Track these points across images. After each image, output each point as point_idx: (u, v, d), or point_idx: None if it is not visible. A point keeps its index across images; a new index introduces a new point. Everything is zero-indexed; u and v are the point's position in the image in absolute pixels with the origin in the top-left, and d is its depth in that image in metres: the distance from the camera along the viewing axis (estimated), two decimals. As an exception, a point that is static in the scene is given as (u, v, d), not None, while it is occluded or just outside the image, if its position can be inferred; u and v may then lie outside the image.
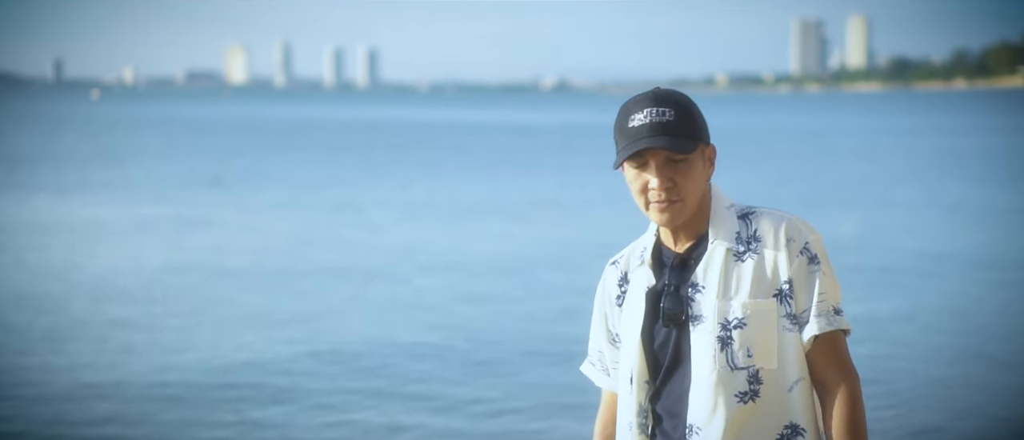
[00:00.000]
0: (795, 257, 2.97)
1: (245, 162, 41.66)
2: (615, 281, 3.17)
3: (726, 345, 2.96)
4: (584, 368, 3.31)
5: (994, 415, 9.32)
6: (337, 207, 25.88)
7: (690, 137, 2.97)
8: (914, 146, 52.60)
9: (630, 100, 3.05)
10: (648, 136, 2.95)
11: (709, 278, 2.99)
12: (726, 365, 2.96)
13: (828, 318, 2.97)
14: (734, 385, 2.96)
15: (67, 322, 12.74)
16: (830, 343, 2.98)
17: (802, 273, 2.97)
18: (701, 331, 2.98)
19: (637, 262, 3.14)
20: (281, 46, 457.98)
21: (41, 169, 36.74)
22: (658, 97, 3.00)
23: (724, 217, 3.04)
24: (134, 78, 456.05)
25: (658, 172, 2.97)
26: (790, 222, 3.01)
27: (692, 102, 3.04)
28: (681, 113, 2.98)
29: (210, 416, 9.21)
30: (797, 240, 2.99)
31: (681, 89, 3.04)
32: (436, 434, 8.83)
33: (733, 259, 3.00)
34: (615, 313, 3.17)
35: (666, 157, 2.97)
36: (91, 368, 10.68)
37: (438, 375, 10.53)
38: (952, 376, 10.56)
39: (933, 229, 21.78)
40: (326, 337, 12.10)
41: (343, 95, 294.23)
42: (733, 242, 3.01)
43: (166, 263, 17.10)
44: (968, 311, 13.60)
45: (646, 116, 2.97)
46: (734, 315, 2.96)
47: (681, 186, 2.97)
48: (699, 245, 3.04)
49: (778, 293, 2.97)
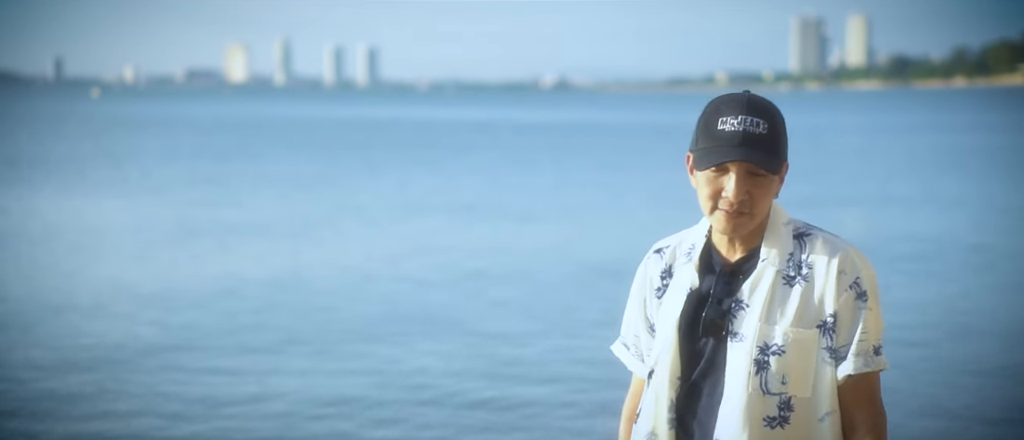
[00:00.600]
0: (843, 291, 2.93)
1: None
2: (658, 271, 3.11)
3: (762, 368, 2.93)
4: (616, 349, 3.25)
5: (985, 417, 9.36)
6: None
7: (778, 155, 2.93)
8: (912, 144, 52.59)
9: (722, 99, 3.00)
10: (740, 146, 2.89)
11: (755, 298, 2.95)
12: (759, 388, 2.93)
13: (866, 358, 2.94)
14: (764, 409, 2.93)
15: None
16: (864, 382, 2.97)
17: (848, 308, 2.93)
18: (739, 349, 2.95)
19: (684, 258, 3.07)
20: (281, 45, 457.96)
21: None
22: (753, 105, 2.93)
23: (780, 234, 2.99)
24: (134, 77, 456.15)
25: (738, 183, 2.91)
26: (845, 253, 2.95)
27: (782, 117, 2.98)
28: (773, 128, 2.92)
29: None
30: (849, 273, 2.94)
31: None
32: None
33: (782, 282, 2.95)
34: (654, 304, 3.11)
35: (748, 170, 2.91)
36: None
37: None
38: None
39: (929, 223, 21.79)
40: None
41: (343, 94, 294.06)
42: (784, 264, 2.96)
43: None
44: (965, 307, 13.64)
45: (739, 124, 2.90)
46: (775, 341, 2.92)
47: (755, 201, 2.92)
48: (750, 259, 2.99)
49: (822, 325, 2.93)
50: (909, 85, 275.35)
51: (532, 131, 71.52)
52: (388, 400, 9.73)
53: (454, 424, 9.08)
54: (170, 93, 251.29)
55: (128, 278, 15.78)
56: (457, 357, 11.26)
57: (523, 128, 76.55)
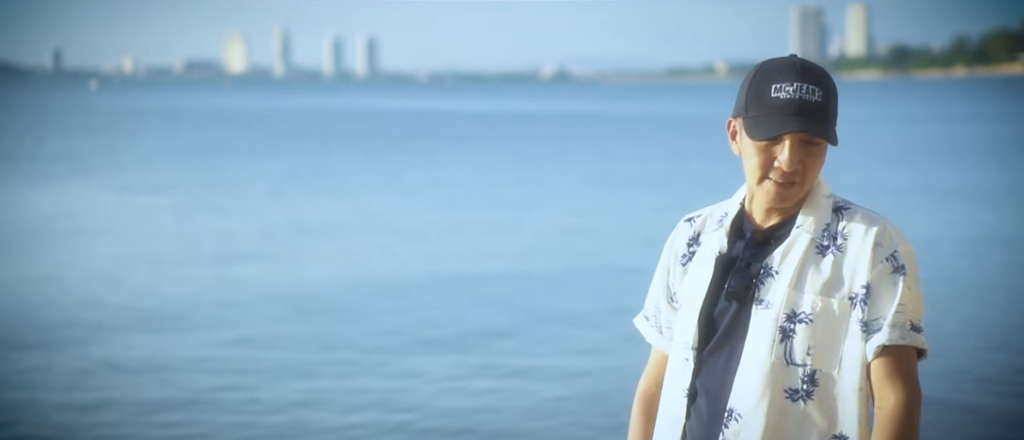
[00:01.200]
0: (879, 262, 2.78)
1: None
2: (685, 239, 3.00)
3: (788, 337, 2.79)
4: (637, 321, 3.15)
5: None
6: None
7: (832, 123, 2.81)
8: (911, 134, 52.53)
9: (772, 64, 2.85)
10: (796, 116, 2.76)
11: (786, 264, 2.82)
12: (782, 358, 2.78)
13: (902, 331, 2.77)
14: (787, 380, 2.78)
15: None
16: (899, 356, 2.77)
17: (884, 280, 2.78)
18: (764, 317, 2.81)
19: (715, 225, 2.96)
20: (280, 35, 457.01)
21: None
22: (807, 72, 2.80)
23: (820, 205, 2.86)
24: (133, 68, 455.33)
25: (791, 152, 2.78)
26: (883, 226, 2.82)
27: (834, 83, 2.85)
28: (827, 95, 2.80)
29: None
30: (886, 246, 2.79)
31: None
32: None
33: (814, 251, 2.82)
34: (678, 272, 3.00)
35: (802, 139, 2.78)
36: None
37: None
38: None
39: (923, 213, 21.82)
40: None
41: (343, 84, 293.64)
42: (819, 234, 2.83)
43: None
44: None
45: (795, 91, 2.77)
46: (802, 309, 2.78)
47: (807, 171, 2.81)
48: (784, 227, 2.86)
49: (853, 297, 2.78)
50: (909, 75, 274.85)
51: (531, 121, 71.42)
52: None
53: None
54: (169, 84, 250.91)
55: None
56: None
57: (522, 118, 76.43)
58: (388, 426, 8.75)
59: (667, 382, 2.96)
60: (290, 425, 8.78)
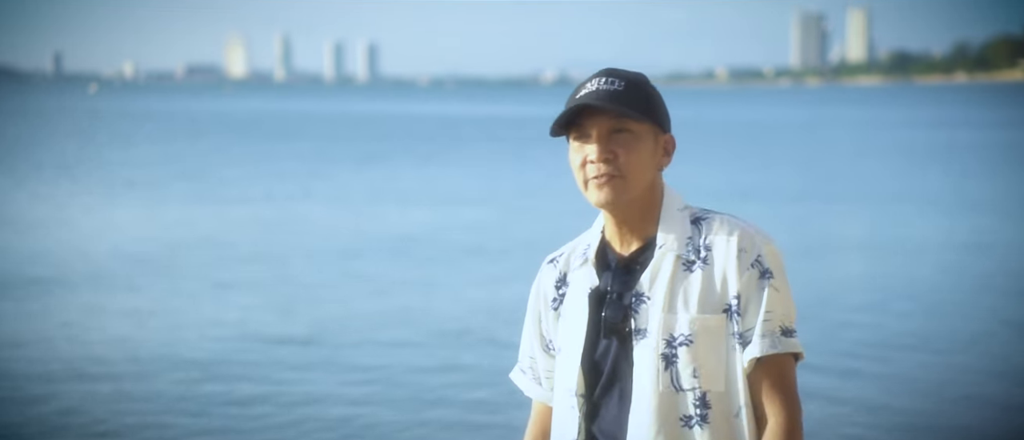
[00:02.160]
0: (745, 270, 2.69)
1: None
2: (552, 282, 2.87)
3: (671, 363, 2.68)
4: (513, 375, 2.99)
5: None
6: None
7: (641, 110, 2.71)
8: (910, 139, 52.51)
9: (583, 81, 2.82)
10: (589, 94, 2.71)
11: (656, 288, 2.71)
12: (670, 386, 2.68)
13: (772, 339, 2.68)
14: (680, 408, 2.68)
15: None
16: (773, 367, 2.68)
17: (751, 287, 2.69)
18: (644, 346, 2.70)
19: (579, 261, 2.83)
20: (281, 40, 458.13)
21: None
22: (610, 71, 2.77)
23: (675, 220, 2.75)
24: (134, 72, 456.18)
25: (599, 142, 2.71)
26: (743, 231, 2.72)
27: (651, 84, 2.79)
28: (632, 87, 2.73)
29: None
30: (749, 251, 2.70)
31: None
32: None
33: (682, 269, 2.71)
34: (550, 317, 2.86)
35: (610, 128, 2.71)
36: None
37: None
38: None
39: (918, 220, 21.64)
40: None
41: (343, 89, 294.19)
42: (683, 249, 2.72)
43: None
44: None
45: (594, 85, 2.73)
46: (680, 331, 2.68)
47: (623, 161, 2.70)
48: (646, 250, 2.76)
49: (727, 309, 2.69)
50: (910, 80, 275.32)
51: (530, 125, 71.39)
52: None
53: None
54: (170, 89, 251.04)
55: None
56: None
57: (522, 122, 76.39)
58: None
59: (554, 434, 2.83)
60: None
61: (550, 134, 2.75)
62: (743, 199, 25.75)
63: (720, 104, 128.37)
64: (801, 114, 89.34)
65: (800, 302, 2.98)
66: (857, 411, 9.21)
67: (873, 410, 9.24)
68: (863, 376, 10.27)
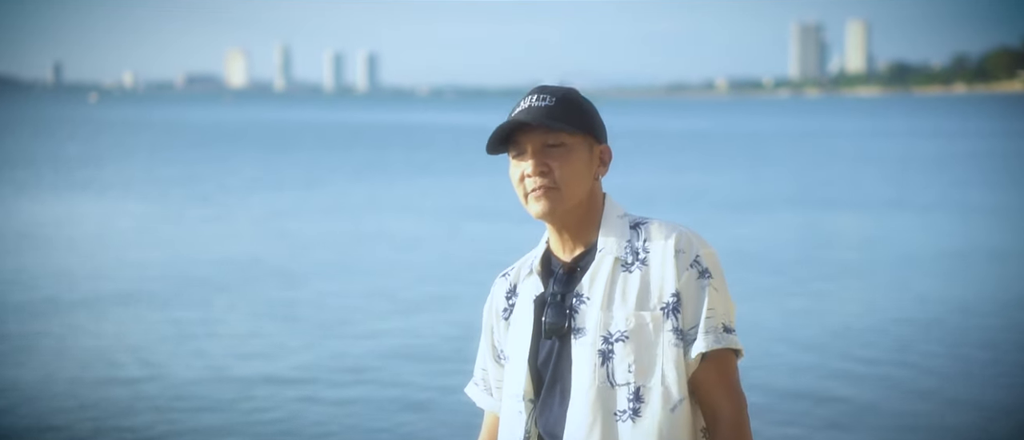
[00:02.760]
0: (684, 270, 2.81)
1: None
2: (503, 293, 3.02)
3: (607, 359, 2.79)
4: (468, 389, 3.14)
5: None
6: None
7: (568, 122, 2.83)
8: (908, 150, 52.56)
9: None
10: (520, 116, 2.84)
11: (594, 288, 2.83)
12: (606, 381, 2.79)
13: (716, 336, 2.80)
14: (614, 403, 2.79)
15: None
16: (718, 363, 2.81)
17: (691, 287, 2.81)
18: (582, 344, 2.81)
19: (526, 272, 2.97)
20: (281, 50, 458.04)
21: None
22: (543, 88, 2.89)
23: (615, 226, 2.89)
24: (134, 82, 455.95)
25: (533, 156, 2.83)
26: (681, 233, 2.84)
27: (583, 98, 2.91)
28: (564, 102, 2.85)
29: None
30: (687, 252, 2.82)
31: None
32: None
33: (620, 269, 2.84)
34: (501, 327, 3.00)
35: (542, 143, 2.84)
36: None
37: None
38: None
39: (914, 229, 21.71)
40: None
41: (343, 99, 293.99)
42: (622, 252, 2.84)
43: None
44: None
45: (527, 103, 2.86)
46: (617, 327, 2.80)
47: (558, 173, 2.83)
48: (588, 254, 2.88)
49: (665, 307, 2.80)
50: (909, 91, 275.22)
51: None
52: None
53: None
54: (170, 98, 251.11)
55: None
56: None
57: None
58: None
59: (502, 432, 2.94)
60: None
61: (487, 152, 2.88)
62: (743, 209, 25.83)
63: (720, 114, 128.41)
64: (801, 124, 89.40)
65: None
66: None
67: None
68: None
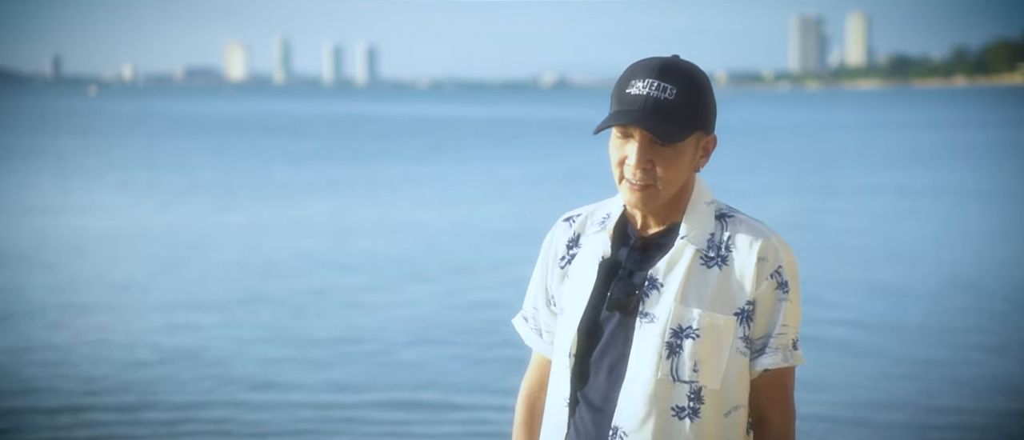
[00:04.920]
0: (764, 279, 2.74)
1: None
2: (565, 240, 2.89)
3: (674, 353, 2.72)
4: (516, 322, 3.03)
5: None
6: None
7: (685, 124, 2.69)
8: (906, 140, 52.58)
9: (640, 62, 2.76)
10: (639, 111, 2.67)
11: (671, 278, 2.74)
12: (669, 374, 2.72)
13: (785, 354, 2.76)
14: (673, 398, 2.72)
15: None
16: (779, 376, 2.79)
17: (768, 298, 2.74)
18: (649, 331, 2.73)
19: (596, 227, 2.86)
20: (280, 43, 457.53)
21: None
22: (665, 70, 2.70)
23: (701, 213, 2.78)
24: (133, 74, 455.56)
25: (639, 150, 2.70)
26: (768, 240, 2.75)
27: (704, 83, 2.75)
28: (685, 94, 2.69)
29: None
30: (770, 261, 2.74)
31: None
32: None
33: (700, 263, 2.75)
34: (556, 275, 2.90)
35: (651, 139, 2.69)
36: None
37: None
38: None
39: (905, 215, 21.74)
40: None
41: (343, 92, 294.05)
42: (704, 244, 2.75)
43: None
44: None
45: (645, 87, 2.69)
46: (689, 324, 2.72)
47: (660, 173, 2.70)
48: (667, 235, 2.78)
49: (739, 312, 2.74)
50: (909, 84, 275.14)
51: (528, 127, 71.43)
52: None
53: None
54: (170, 91, 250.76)
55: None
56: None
57: (520, 124, 76.44)
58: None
59: (551, 388, 2.88)
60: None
61: (593, 133, 2.77)
62: (750, 198, 25.87)
63: (720, 108, 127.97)
64: (797, 117, 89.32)
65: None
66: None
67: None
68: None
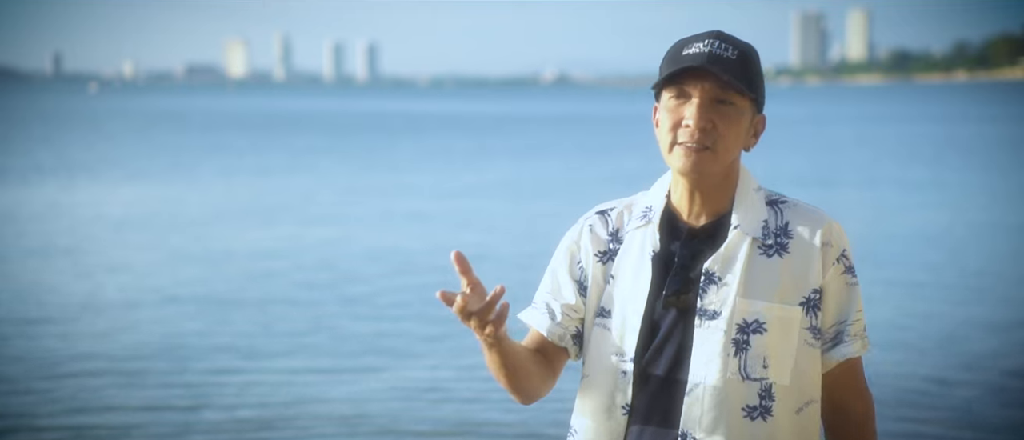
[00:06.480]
0: (830, 265, 2.59)
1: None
2: (604, 233, 2.69)
3: (741, 350, 2.56)
4: (523, 314, 2.76)
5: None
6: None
7: (748, 82, 2.58)
8: (906, 134, 52.56)
9: (690, 35, 2.65)
10: (700, 62, 2.55)
11: (730, 271, 2.58)
12: (738, 373, 2.56)
13: (863, 341, 2.63)
14: (743, 398, 2.56)
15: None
16: (857, 366, 2.66)
17: (838, 285, 2.61)
18: (712, 328, 2.57)
19: (638, 221, 2.67)
20: (280, 39, 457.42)
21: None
22: (722, 35, 2.61)
23: (751, 200, 2.63)
24: (133, 72, 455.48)
25: (700, 107, 2.55)
26: (829, 225, 2.61)
27: (759, 61, 2.65)
28: (744, 59, 2.59)
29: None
30: (835, 246, 2.60)
31: None
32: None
33: (758, 253, 2.59)
34: (593, 269, 2.67)
35: (713, 97, 2.55)
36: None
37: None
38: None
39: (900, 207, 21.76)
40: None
41: (343, 89, 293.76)
42: (759, 233, 2.60)
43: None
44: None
45: (706, 46, 2.58)
46: (754, 318, 2.56)
47: (720, 133, 2.56)
48: (718, 226, 2.62)
49: (805, 302, 2.59)
50: (910, 79, 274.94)
51: (528, 123, 71.39)
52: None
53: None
54: (171, 89, 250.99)
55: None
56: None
57: (520, 120, 76.40)
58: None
59: (593, 395, 2.65)
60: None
61: (651, 88, 2.64)
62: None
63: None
64: (798, 111, 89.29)
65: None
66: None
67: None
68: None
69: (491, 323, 2.48)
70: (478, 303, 2.47)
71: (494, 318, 2.48)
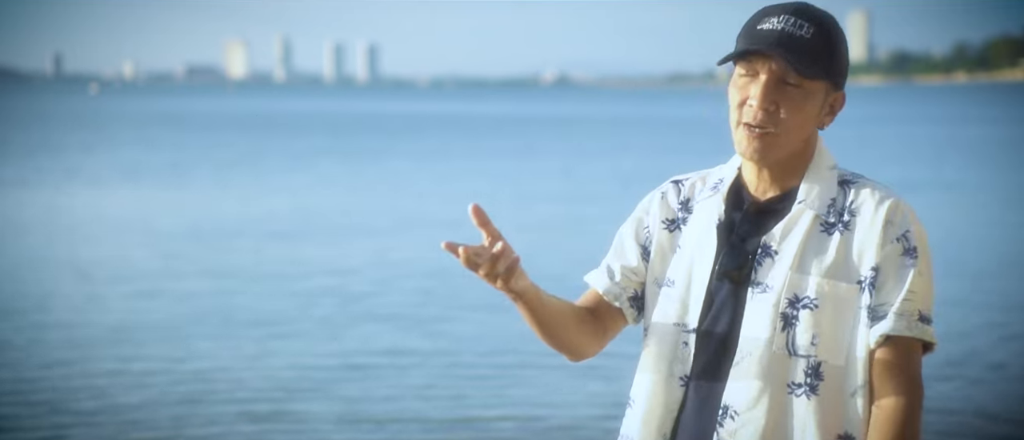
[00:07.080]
0: (889, 242, 2.48)
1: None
2: (675, 202, 2.67)
3: (790, 324, 2.49)
4: (588, 276, 2.73)
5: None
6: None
7: (820, 65, 2.49)
8: (907, 136, 52.60)
9: (771, 4, 2.57)
10: (773, 43, 2.47)
11: (787, 244, 2.52)
12: (784, 347, 2.48)
13: (908, 321, 2.45)
14: (789, 373, 2.48)
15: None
16: (903, 349, 2.46)
17: (893, 262, 2.48)
18: (762, 301, 2.51)
19: (708, 191, 2.64)
20: (281, 40, 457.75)
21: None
22: (801, 9, 2.52)
23: (823, 177, 2.55)
24: (134, 73, 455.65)
25: (764, 88, 2.49)
26: (895, 203, 2.51)
27: (841, 33, 2.56)
28: (820, 37, 2.50)
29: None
30: (897, 224, 2.49)
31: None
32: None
33: (819, 229, 2.52)
34: (661, 237, 2.65)
35: (780, 77, 2.49)
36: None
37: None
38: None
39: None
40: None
41: (344, 90, 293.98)
42: (824, 210, 2.52)
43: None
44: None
45: (780, 22, 2.50)
46: (806, 293, 2.48)
47: (783, 117, 2.49)
48: (784, 200, 2.55)
49: (863, 280, 2.48)
50: (910, 80, 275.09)
51: (529, 124, 71.45)
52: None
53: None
54: (171, 90, 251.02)
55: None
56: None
57: (520, 121, 76.46)
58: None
59: (652, 363, 2.61)
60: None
61: (717, 63, 2.57)
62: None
63: (721, 103, 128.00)
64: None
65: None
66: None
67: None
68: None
69: (501, 276, 2.45)
70: (486, 255, 2.44)
71: (503, 271, 2.45)
